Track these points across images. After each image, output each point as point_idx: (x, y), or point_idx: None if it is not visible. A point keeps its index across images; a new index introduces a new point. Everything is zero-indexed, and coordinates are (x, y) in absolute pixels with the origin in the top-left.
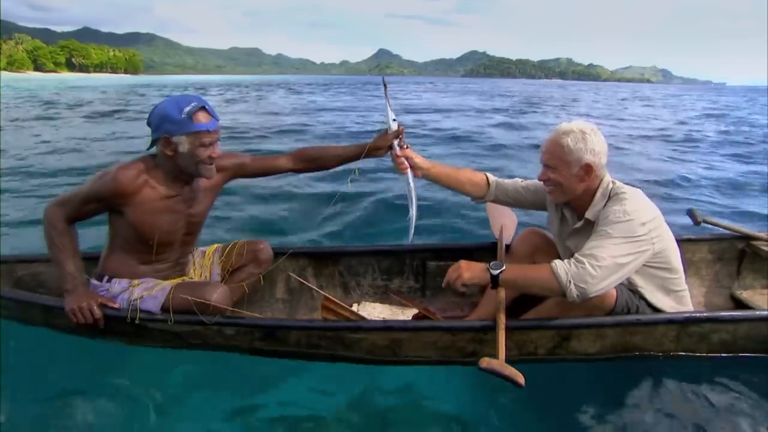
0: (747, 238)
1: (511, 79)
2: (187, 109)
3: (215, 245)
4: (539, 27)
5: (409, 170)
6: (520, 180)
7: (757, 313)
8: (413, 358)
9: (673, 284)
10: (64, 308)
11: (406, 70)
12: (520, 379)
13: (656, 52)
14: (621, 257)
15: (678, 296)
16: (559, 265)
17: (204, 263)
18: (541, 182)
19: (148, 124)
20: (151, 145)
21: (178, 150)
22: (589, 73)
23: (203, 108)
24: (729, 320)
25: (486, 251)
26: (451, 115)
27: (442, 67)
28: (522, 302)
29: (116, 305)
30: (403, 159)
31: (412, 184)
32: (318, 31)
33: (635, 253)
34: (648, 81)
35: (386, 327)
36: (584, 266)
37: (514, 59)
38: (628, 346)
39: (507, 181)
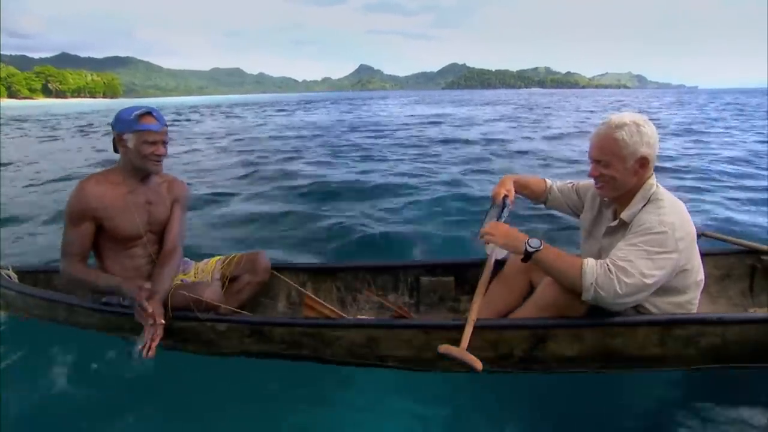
0: (757, 252)
1: (492, 90)
2: (136, 112)
3: (217, 257)
4: (516, 37)
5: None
6: (569, 182)
7: (747, 315)
8: (392, 360)
9: (681, 308)
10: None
11: (388, 85)
12: (478, 365)
13: (631, 59)
14: (650, 276)
15: None
16: (590, 265)
17: (206, 270)
18: (589, 183)
19: (111, 127)
20: (114, 145)
21: (127, 146)
22: (567, 81)
23: (149, 113)
24: (717, 322)
25: (479, 267)
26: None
27: (423, 81)
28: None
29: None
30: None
31: (505, 213)
32: (299, 49)
33: (664, 270)
34: (624, 86)
35: (362, 324)
36: (612, 278)
37: (493, 70)
38: (610, 351)
39: (559, 183)
